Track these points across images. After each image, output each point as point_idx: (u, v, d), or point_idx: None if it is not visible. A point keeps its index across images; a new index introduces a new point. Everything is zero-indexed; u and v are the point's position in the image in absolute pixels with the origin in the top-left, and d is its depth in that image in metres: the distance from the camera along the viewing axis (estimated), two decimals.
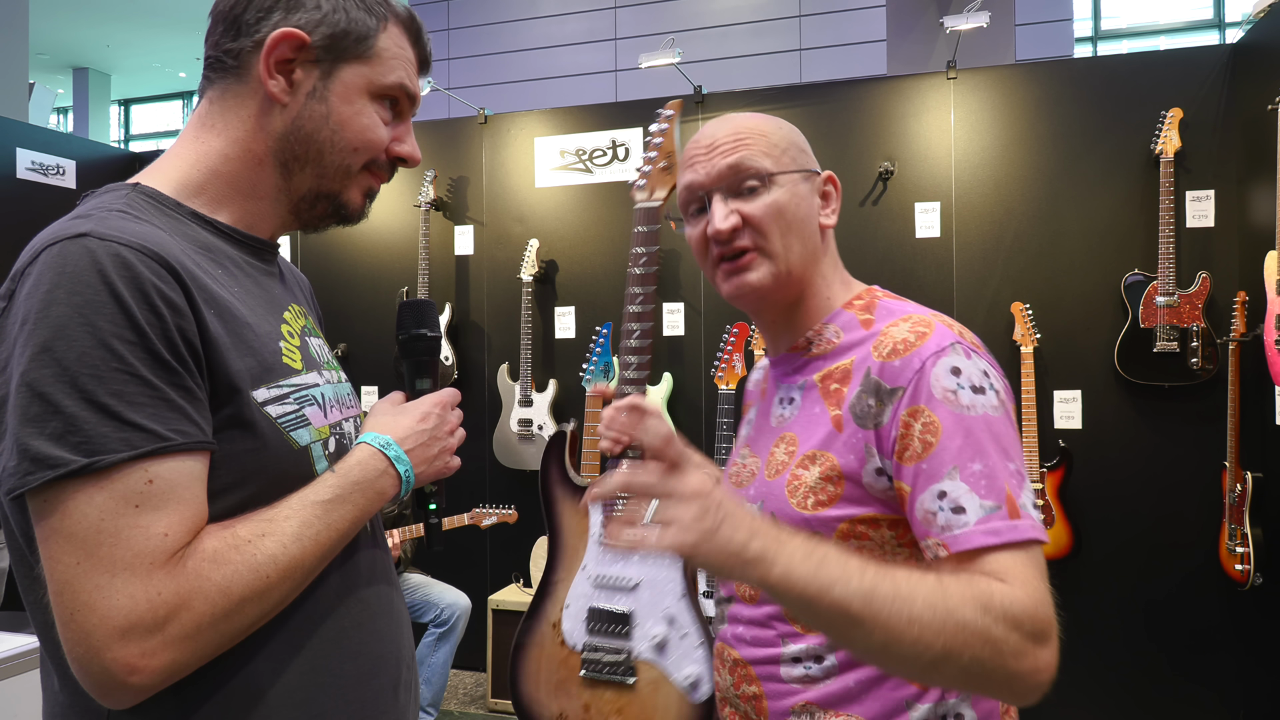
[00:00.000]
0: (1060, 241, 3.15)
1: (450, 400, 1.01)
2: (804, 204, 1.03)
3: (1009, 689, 0.82)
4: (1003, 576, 0.82)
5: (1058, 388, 3.13)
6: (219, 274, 0.86)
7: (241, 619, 0.78)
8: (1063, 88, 3.18)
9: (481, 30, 8.59)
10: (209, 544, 0.77)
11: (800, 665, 0.99)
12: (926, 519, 0.88)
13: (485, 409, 3.72)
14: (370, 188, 0.97)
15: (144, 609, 0.72)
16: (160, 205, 0.88)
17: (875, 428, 0.93)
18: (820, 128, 3.40)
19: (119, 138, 14.67)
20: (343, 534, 0.86)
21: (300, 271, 1.14)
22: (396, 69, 0.94)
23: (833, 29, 7.53)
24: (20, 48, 5.98)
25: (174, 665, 0.74)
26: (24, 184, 3.80)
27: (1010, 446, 0.90)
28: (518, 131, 3.80)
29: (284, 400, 0.86)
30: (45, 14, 10.23)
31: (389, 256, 3.90)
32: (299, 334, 0.94)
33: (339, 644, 0.89)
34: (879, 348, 0.96)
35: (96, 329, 0.73)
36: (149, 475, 0.74)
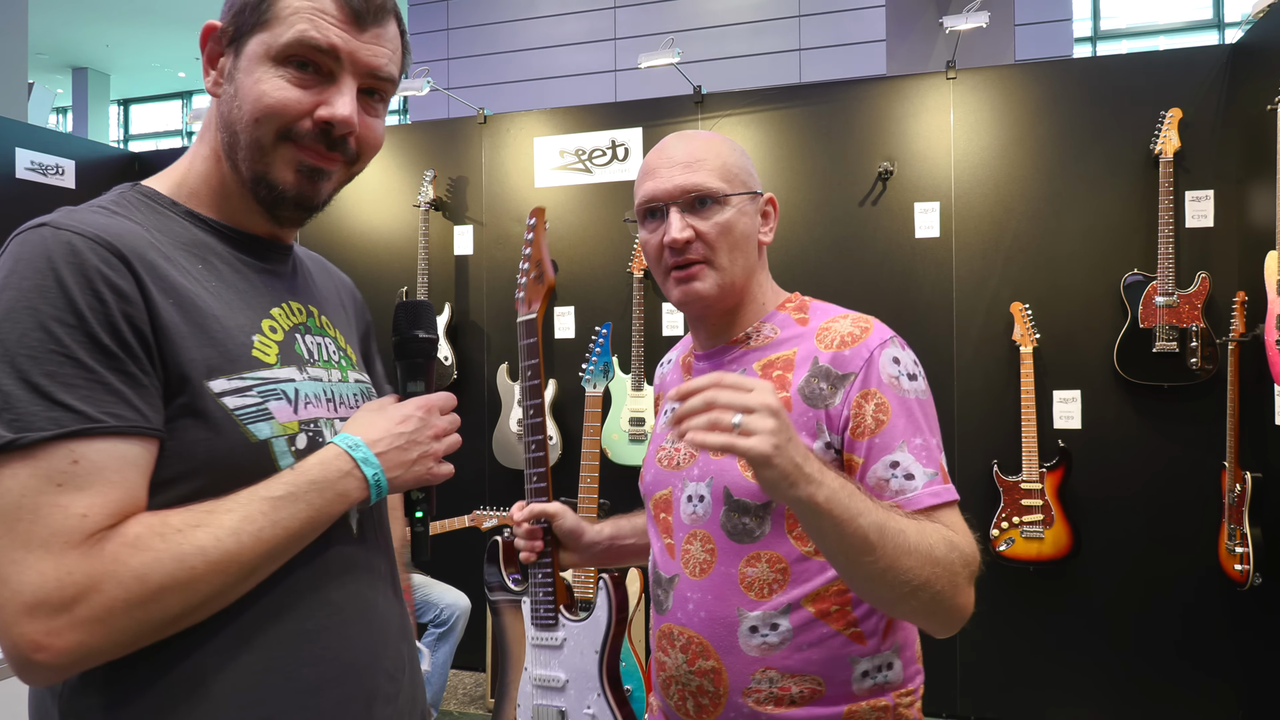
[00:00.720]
0: (1060, 242, 3.15)
1: (439, 404, 0.97)
2: (749, 223, 1.16)
3: (949, 618, 1.00)
4: (951, 527, 1.01)
5: (1057, 388, 3.13)
6: (197, 269, 0.87)
7: (161, 609, 0.75)
8: (1062, 88, 3.18)
9: (481, 30, 8.59)
10: (133, 529, 0.75)
11: (757, 634, 1.08)
12: (880, 485, 1.03)
13: (485, 409, 3.72)
14: (301, 162, 0.89)
15: (52, 587, 0.72)
16: (153, 203, 0.90)
17: (825, 408, 1.07)
18: (820, 128, 3.40)
19: (118, 137, 14.66)
20: (294, 534, 0.82)
21: (345, 277, 1.16)
22: (296, 24, 0.86)
23: (832, 29, 7.53)
24: (19, 47, 5.98)
25: (82, 647, 0.73)
26: (23, 184, 3.79)
27: (935, 424, 1.09)
28: (517, 131, 3.80)
29: (245, 392, 0.84)
30: (45, 13, 10.23)
31: (388, 256, 3.90)
32: (286, 329, 0.92)
33: (299, 646, 0.86)
34: (823, 339, 1.11)
35: (38, 312, 0.74)
36: (74, 455, 0.74)
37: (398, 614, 0.99)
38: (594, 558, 1.41)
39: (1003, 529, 3.04)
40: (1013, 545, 3.02)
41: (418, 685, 1.03)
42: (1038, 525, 3.00)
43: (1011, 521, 3.03)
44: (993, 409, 3.19)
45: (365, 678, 0.91)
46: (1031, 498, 3.01)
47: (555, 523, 1.37)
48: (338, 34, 0.87)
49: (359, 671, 0.91)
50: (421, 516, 1.00)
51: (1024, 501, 3.02)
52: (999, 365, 3.19)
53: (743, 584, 1.09)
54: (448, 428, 0.97)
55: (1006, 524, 3.03)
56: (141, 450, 0.78)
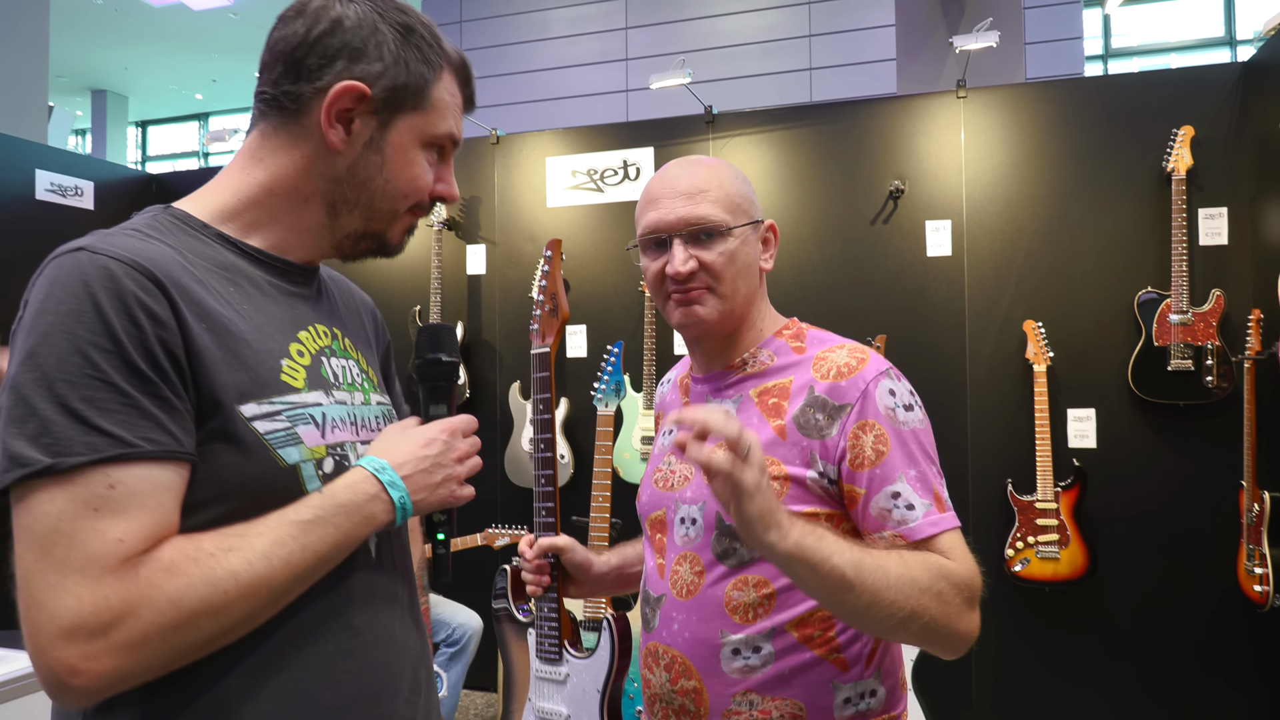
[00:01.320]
0: (1072, 260, 3.14)
1: (462, 427, 0.98)
2: (751, 252, 1.17)
3: (949, 643, 1.01)
4: (947, 554, 1.02)
5: (1071, 406, 3.11)
6: (230, 292, 0.88)
7: (195, 633, 0.76)
8: (1073, 106, 3.18)
9: (494, 51, 8.67)
10: (168, 554, 0.76)
11: (740, 657, 1.09)
12: (882, 515, 1.05)
13: (497, 428, 3.73)
14: (411, 225, 1.00)
15: (89, 612, 0.72)
16: (185, 226, 0.90)
17: (821, 439, 1.08)
18: (831, 147, 3.41)
19: (136, 159, 14.84)
20: (322, 557, 0.83)
21: (365, 296, 1.17)
22: (447, 118, 0.97)
23: (843, 49, 7.57)
24: (40, 71, 6.07)
25: (118, 671, 0.74)
26: (43, 205, 3.85)
27: (933, 452, 1.10)
28: (529, 151, 3.83)
29: (275, 417, 0.85)
30: (65, 37, 10.39)
31: (402, 276, 3.92)
32: (313, 353, 0.93)
33: (321, 670, 0.87)
34: (820, 369, 1.12)
35: (75, 336, 0.75)
36: (110, 480, 0.74)
37: (416, 638, 1.00)
38: (603, 588, 1.41)
39: (1018, 549, 3.01)
40: (1028, 565, 2.99)
41: (433, 708, 1.03)
42: (1053, 545, 2.97)
43: (1027, 541, 3.00)
44: (1006, 428, 3.17)
45: (384, 701, 0.92)
46: (1047, 517, 2.99)
47: (564, 556, 1.37)
48: (462, 127, 1.00)
49: (378, 695, 0.91)
50: (444, 539, 1.01)
51: (1039, 521, 3.00)
52: (1012, 384, 3.17)
53: (728, 607, 1.10)
54: (470, 450, 0.98)
55: (1022, 544, 3.01)
56: (175, 475, 0.79)
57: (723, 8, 7.98)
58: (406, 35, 0.93)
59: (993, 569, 3.15)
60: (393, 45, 0.92)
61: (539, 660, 1.74)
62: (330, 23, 0.91)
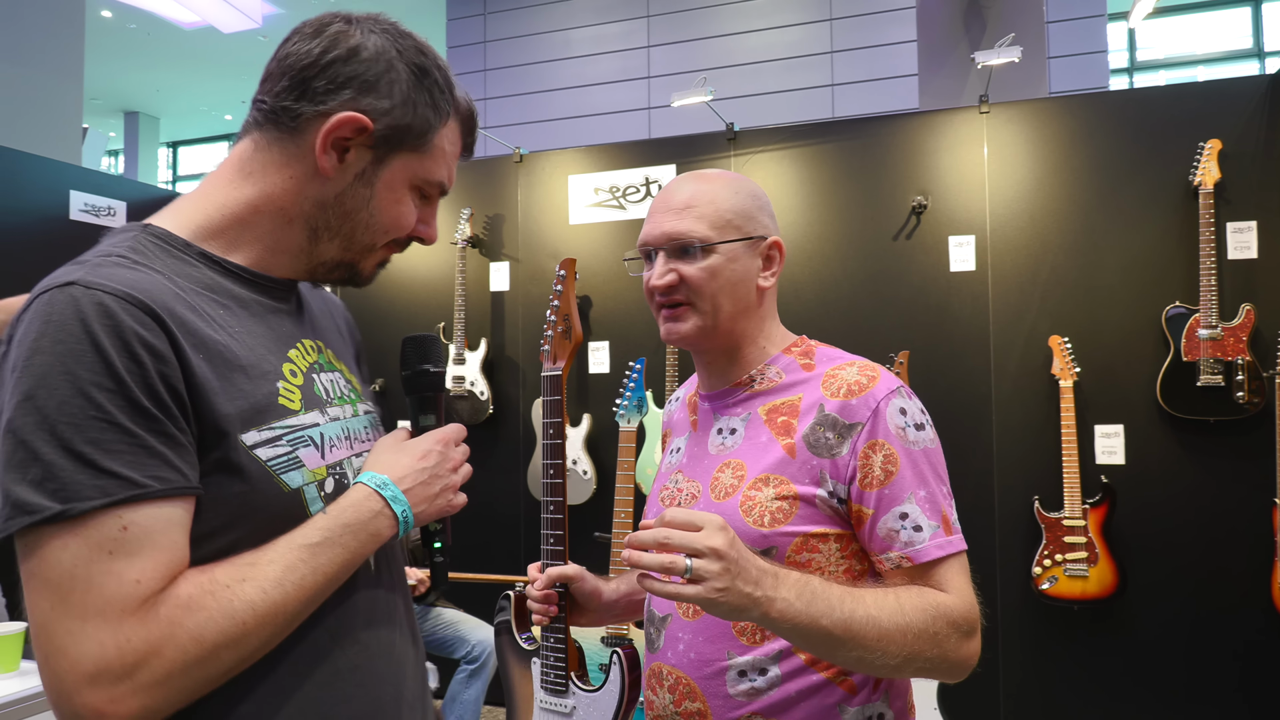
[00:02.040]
0: (1098, 274, 3.12)
1: (453, 436, 0.99)
2: (739, 268, 1.14)
3: (948, 673, 1.02)
4: (945, 585, 1.03)
5: (1099, 422, 3.08)
6: (220, 314, 0.86)
7: (216, 665, 0.77)
8: (1098, 120, 3.16)
9: (518, 70, 8.76)
10: (184, 590, 0.76)
11: (745, 679, 1.08)
12: (890, 536, 1.04)
13: (520, 443, 3.74)
14: (385, 259, 1.00)
15: (113, 656, 0.72)
16: (168, 246, 0.88)
17: (831, 458, 1.07)
18: (853, 163, 3.41)
19: (167, 179, 15.10)
20: (331, 577, 0.84)
21: (334, 297, 1.14)
22: (442, 166, 0.96)
23: (865, 64, 7.57)
24: (75, 93, 6.21)
25: (144, 711, 0.74)
26: (77, 225, 3.92)
27: (943, 472, 1.09)
28: (552, 169, 3.86)
29: (276, 442, 0.84)
30: (99, 60, 10.62)
31: (425, 293, 3.96)
32: (304, 371, 0.93)
33: (332, 687, 0.87)
34: (829, 387, 1.11)
35: (76, 378, 0.73)
36: (123, 522, 0.74)
37: (412, 650, 1.01)
38: (613, 616, 1.39)
39: (1045, 566, 2.97)
40: (1056, 584, 2.95)
41: (429, 711, 1.04)
42: (1081, 563, 2.93)
43: (1054, 559, 2.97)
44: (1033, 444, 3.14)
45: (391, 711, 0.94)
46: (1075, 534, 2.95)
47: (573, 585, 1.36)
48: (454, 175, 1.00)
49: (385, 706, 0.93)
50: (440, 547, 1.02)
51: (1067, 539, 2.96)
52: (1038, 399, 3.14)
53: (734, 628, 1.09)
54: (461, 459, 0.99)
55: (1049, 561, 2.97)
56: (184, 510, 0.78)
57: (744, 25, 8.02)
58: (420, 78, 0.92)
59: (1019, 586, 3.11)
60: (404, 85, 0.91)
61: (544, 691, 1.72)
62: (346, 50, 0.90)
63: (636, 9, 8.45)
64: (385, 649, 0.95)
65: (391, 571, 1.00)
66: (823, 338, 1.24)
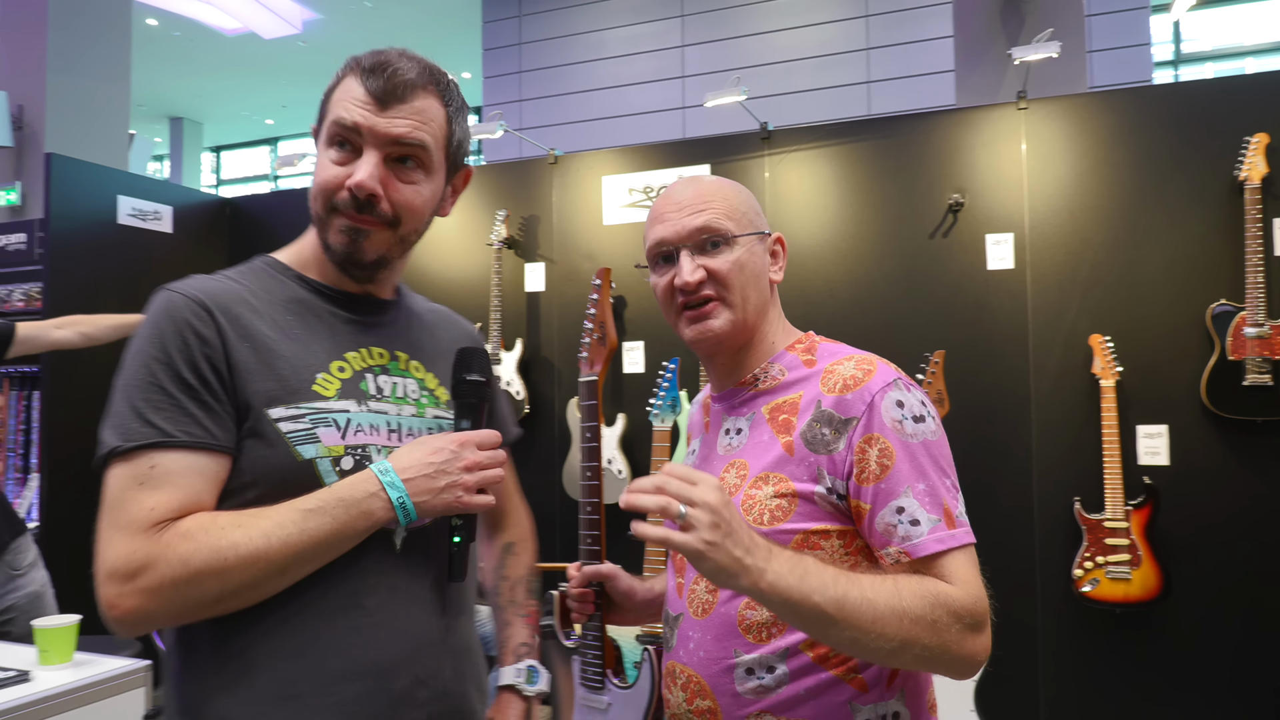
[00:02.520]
0: (1140, 271, 3.06)
1: (475, 439, 1.05)
2: (758, 261, 1.17)
3: (953, 668, 0.99)
4: (948, 578, 0.99)
5: (1141, 422, 3.03)
6: (286, 319, 1.05)
7: (201, 589, 0.92)
8: (1140, 115, 3.11)
9: (552, 72, 8.80)
10: (187, 524, 0.93)
11: (753, 677, 1.07)
12: (888, 530, 1.02)
13: (555, 442, 3.77)
14: (344, 225, 1.05)
15: (123, 561, 0.91)
16: (270, 270, 1.11)
17: (828, 453, 1.06)
18: (888, 161, 3.39)
19: (211, 183, 15.39)
20: (320, 542, 0.95)
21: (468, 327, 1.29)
22: (335, 110, 1.05)
23: (900, 61, 7.51)
24: (123, 101, 6.37)
25: (141, 610, 0.91)
26: (125, 229, 4.02)
27: (946, 465, 1.06)
28: (586, 171, 3.88)
29: (298, 419, 1.00)
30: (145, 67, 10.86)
31: (462, 294, 4.00)
32: (356, 370, 1.07)
33: (331, 640, 0.99)
34: (827, 383, 1.10)
35: (144, 354, 0.98)
36: (153, 462, 0.94)
37: (441, 629, 1.08)
38: (648, 615, 1.40)
39: (1086, 569, 2.93)
40: (1097, 586, 2.91)
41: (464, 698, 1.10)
42: (1124, 565, 2.89)
43: (1096, 561, 2.92)
44: (1073, 444, 3.10)
45: (388, 678, 1.01)
46: (1117, 536, 2.91)
47: (608, 584, 1.37)
48: (360, 113, 1.03)
49: (382, 671, 1.01)
50: (459, 541, 1.08)
51: (1108, 540, 2.91)
52: (1078, 399, 3.10)
53: (741, 626, 1.09)
54: (485, 462, 1.05)
55: (1090, 564, 2.93)
56: (209, 462, 0.96)
57: (779, 23, 7.99)
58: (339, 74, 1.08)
59: (1059, 588, 3.07)
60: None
61: (583, 688, 1.74)
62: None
63: (671, 9, 8.45)
64: (393, 621, 1.03)
65: (426, 556, 1.07)
66: (857, 337, 1.24)
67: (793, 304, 3.48)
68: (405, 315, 1.18)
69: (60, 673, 1.56)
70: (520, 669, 1.26)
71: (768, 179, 3.55)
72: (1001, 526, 3.15)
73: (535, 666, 1.27)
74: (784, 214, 3.52)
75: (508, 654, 1.29)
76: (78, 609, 1.77)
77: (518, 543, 1.37)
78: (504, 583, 1.34)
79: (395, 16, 10.39)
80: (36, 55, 5.90)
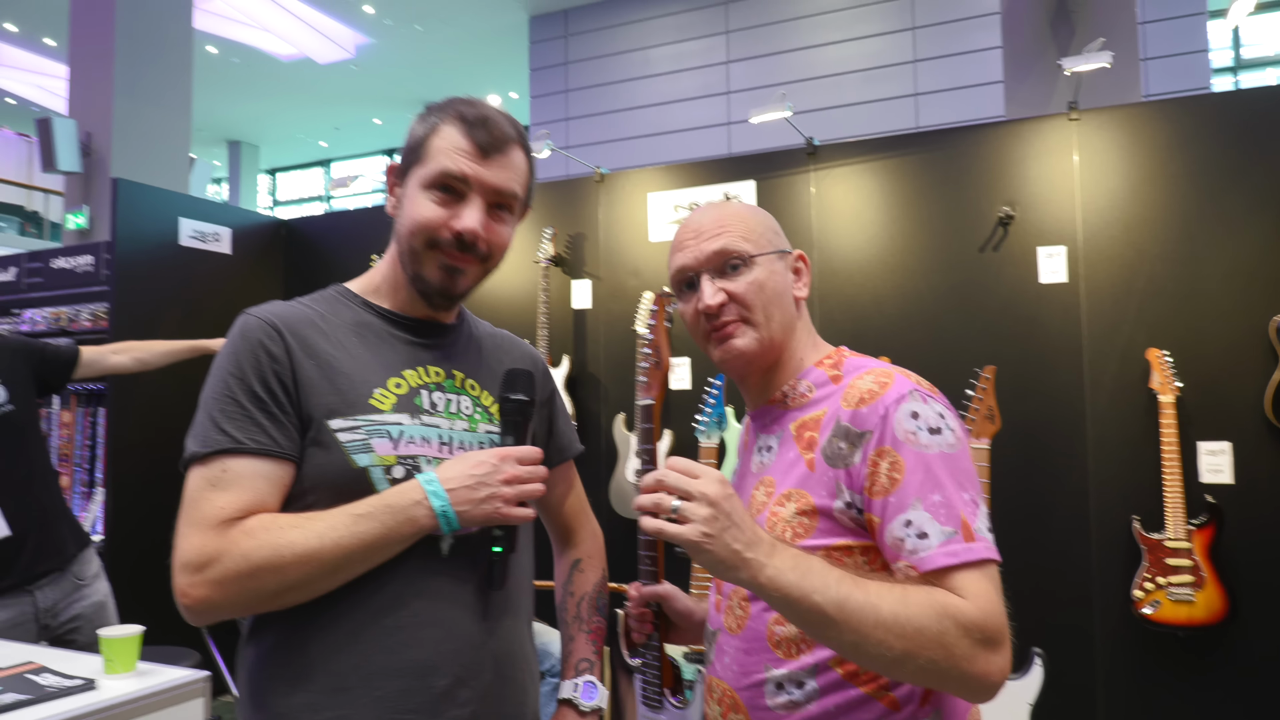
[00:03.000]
0: (1199, 284, 2.98)
1: (516, 454, 1.11)
2: (780, 280, 1.19)
3: (964, 687, 0.95)
4: (961, 592, 0.95)
5: (1203, 439, 2.94)
6: (352, 341, 1.16)
7: (260, 582, 1.01)
8: (1197, 124, 3.04)
9: (598, 90, 8.89)
10: (251, 522, 1.02)
11: (783, 692, 1.07)
12: (896, 545, 1.00)
13: (602, 459, 3.78)
14: (444, 263, 1.16)
15: (194, 554, 1.01)
16: (340, 297, 1.22)
17: (845, 467, 1.05)
18: (936, 174, 3.36)
19: (267, 204, 15.79)
20: (368, 544, 1.03)
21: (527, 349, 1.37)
22: (440, 159, 1.14)
23: (949, 73, 7.44)
24: (184, 126, 6.59)
25: (208, 601, 1.01)
26: (186, 250, 4.15)
27: (965, 478, 1.03)
28: (632, 188, 3.91)
29: (355, 430, 1.09)
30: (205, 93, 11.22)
31: (510, 311, 4.05)
32: (413, 386, 1.16)
33: (377, 638, 1.07)
34: (847, 397, 1.10)
35: (223, 370, 1.09)
36: (224, 466, 1.05)
37: (483, 633, 1.13)
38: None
39: (1147, 590, 2.85)
40: (1159, 608, 2.83)
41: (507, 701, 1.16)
42: (1187, 587, 2.80)
43: (1156, 582, 2.84)
44: (1130, 461, 3.02)
45: (430, 677, 1.08)
46: (1178, 557, 2.82)
47: (666, 605, 1.39)
48: (468, 165, 1.14)
49: (424, 670, 1.08)
50: (499, 551, 1.13)
51: (1170, 561, 2.83)
52: (1136, 415, 3.02)
53: (771, 641, 1.09)
54: (524, 476, 1.11)
55: (1151, 585, 2.85)
56: (274, 467, 1.06)
57: (824, 37, 7.97)
58: (423, 117, 1.18)
59: (1118, 610, 2.99)
60: (414, 127, 1.18)
61: (643, 706, 1.76)
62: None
63: (716, 25, 8.49)
64: (438, 622, 1.09)
65: (472, 563, 1.14)
66: (906, 353, 1.24)
67: (840, 320, 3.46)
68: (465, 338, 1.28)
69: (124, 682, 1.60)
70: (578, 684, 1.31)
71: (814, 194, 3.54)
72: (1057, 546, 3.07)
73: (594, 682, 1.31)
74: (830, 229, 3.50)
75: (569, 669, 1.34)
76: (139, 621, 1.82)
77: (585, 559, 1.43)
78: (570, 598, 1.40)
79: (444, 38, 10.60)
80: (104, 85, 6.14)
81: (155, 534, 2.53)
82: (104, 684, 1.58)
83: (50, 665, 1.66)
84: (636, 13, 8.89)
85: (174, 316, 4.00)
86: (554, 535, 1.47)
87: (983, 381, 2.92)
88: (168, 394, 3.84)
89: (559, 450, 1.39)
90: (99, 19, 6.23)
